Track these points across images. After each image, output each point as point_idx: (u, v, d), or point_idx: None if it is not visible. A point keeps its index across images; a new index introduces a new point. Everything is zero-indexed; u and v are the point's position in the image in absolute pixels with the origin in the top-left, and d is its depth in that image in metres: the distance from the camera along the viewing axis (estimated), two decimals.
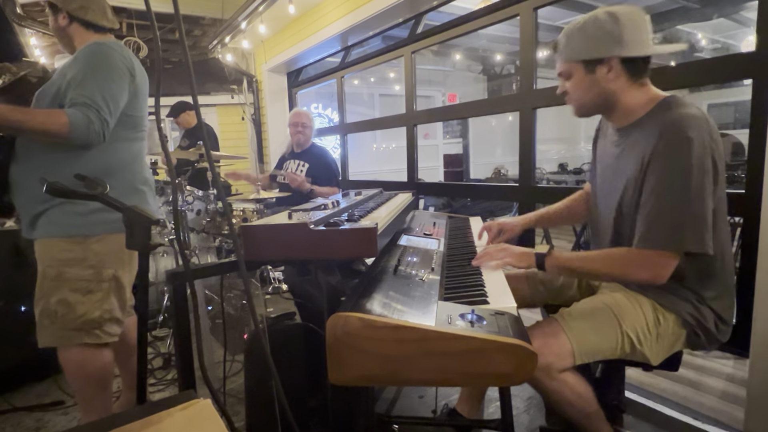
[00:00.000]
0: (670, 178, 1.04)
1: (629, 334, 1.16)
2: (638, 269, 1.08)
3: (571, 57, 1.18)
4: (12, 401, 2.10)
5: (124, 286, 1.55)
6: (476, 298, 1.02)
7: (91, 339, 1.45)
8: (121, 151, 1.51)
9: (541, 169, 7.91)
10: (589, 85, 1.17)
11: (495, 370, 0.78)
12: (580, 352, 1.15)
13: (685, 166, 1.01)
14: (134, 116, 1.54)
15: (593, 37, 1.13)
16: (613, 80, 1.15)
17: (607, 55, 1.12)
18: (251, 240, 1.07)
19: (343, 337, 0.82)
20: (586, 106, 1.23)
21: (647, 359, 1.18)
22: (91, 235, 1.43)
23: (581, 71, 1.17)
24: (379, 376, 0.82)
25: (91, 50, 1.45)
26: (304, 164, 3.22)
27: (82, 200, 1.34)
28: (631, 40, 1.10)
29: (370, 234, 1.01)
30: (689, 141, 1.01)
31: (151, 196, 1.65)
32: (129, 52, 1.53)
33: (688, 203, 1.02)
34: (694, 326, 1.18)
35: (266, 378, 1.34)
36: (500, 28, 2.90)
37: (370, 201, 1.69)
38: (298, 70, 5.26)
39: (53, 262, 1.42)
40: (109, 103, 1.39)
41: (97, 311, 1.45)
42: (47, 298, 1.42)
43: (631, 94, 1.17)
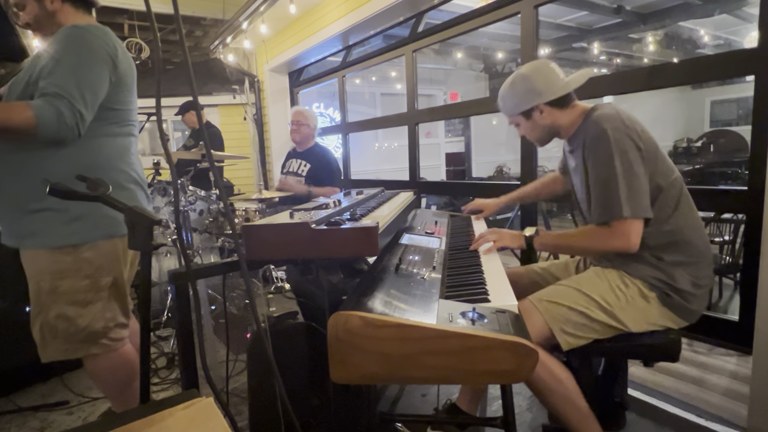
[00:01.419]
0: (602, 164, 1.25)
1: (594, 297, 1.29)
2: (611, 239, 1.24)
3: (510, 112, 1.51)
4: (17, 401, 2.12)
5: (125, 289, 1.47)
6: (477, 296, 1.02)
7: (98, 349, 1.38)
8: (103, 147, 1.37)
9: (543, 167, 7.89)
10: (533, 127, 1.47)
11: (496, 368, 0.78)
12: (553, 321, 1.26)
13: (608, 151, 1.23)
14: (118, 110, 1.40)
15: (517, 94, 1.44)
16: (547, 117, 1.43)
17: (534, 104, 1.41)
18: (253, 239, 1.07)
19: (344, 336, 0.82)
20: (540, 140, 1.52)
21: (625, 325, 1.27)
22: (81, 243, 1.32)
23: (523, 120, 1.47)
24: (380, 375, 0.83)
25: (65, 34, 1.29)
26: (305, 164, 3.22)
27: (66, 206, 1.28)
28: (545, 87, 1.39)
29: (372, 233, 1.02)
30: (604, 132, 1.24)
31: (142, 195, 1.52)
32: (112, 38, 1.37)
33: (622, 178, 1.21)
34: (662, 288, 1.28)
35: (269, 377, 1.35)
36: (501, 26, 2.90)
37: (371, 200, 1.69)
38: (300, 69, 5.26)
39: (45, 276, 1.32)
40: (85, 93, 1.24)
41: (100, 322, 1.37)
42: (45, 313, 1.33)
43: (566, 117, 1.42)
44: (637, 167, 1.22)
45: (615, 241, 1.24)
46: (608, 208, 1.23)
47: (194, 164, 2.84)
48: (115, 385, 1.45)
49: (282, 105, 5.50)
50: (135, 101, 1.50)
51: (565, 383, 1.25)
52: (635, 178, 1.22)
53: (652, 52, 6.92)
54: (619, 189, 1.21)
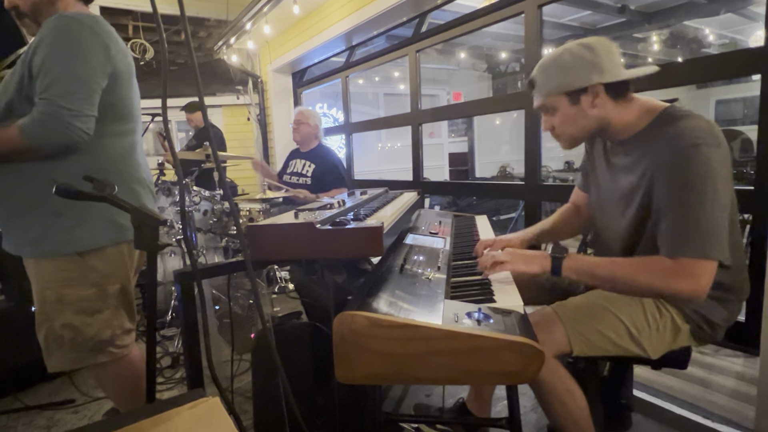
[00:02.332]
0: (687, 186, 1.01)
1: (625, 321, 1.14)
2: (677, 279, 1.01)
3: (553, 90, 1.16)
4: (24, 400, 2.13)
5: (132, 296, 1.42)
6: (483, 296, 1.02)
7: (105, 357, 1.33)
8: (106, 147, 1.31)
9: (547, 167, 7.87)
10: (575, 116, 1.16)
11: (502, 369, 0.78)
12: (574, 336, 1.13)
13: (699, 173, 0.99)
14: (118, 105, 1.32)
15: (572, 67, 1.12)
16: (599, 106, 1.14)
17: (590, 83, 1.11)
18: (258, 240, 1.07)
19: (349, 336, 0.82)
20: (576, 137, 1.21)
21: (646, 352, 1.17)
22: (86, 250, 1.27)
23: (565, 103, 1.16)
24: (385, 375, 0.83)
25: (54, 26, 1.20)
26: (310, 164, 3.21)
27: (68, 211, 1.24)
28: (608, 66, 1.10)
29: (376, 233, 1.02)
30: (697, 148, 1.00)
31: (148, 197, 1.45)
32: (104, 26, 1.28)
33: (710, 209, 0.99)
34: (697, 321, 1.16)
35: (274, 377, 1.35)
36: (505, 26, 2.90)
37: (375, 200, 1.69)
38: (303, 70, 5.27)
39: (50, 284, 1.27)
40: (81, 88, 1.18)
41: (107, 330, 1.32)
42: (51, 322, 1.28)
43: (620, 113, 1.16)
44: (724, 198, 1.00)
45: (683, 282, 1.00)
46: (682, 240, 1.01)
47: (198, 164, 2.85)
48: (122, 390, 1.43)
49: (285, 105, 5.52)
50: (136, 97, 1.43)
51: (578, 401, 1.15)
52: (722, 210, 1.00)
53: (657, 52, 6.89)
54: (702, 221, 0.99)
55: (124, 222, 1.31)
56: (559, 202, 3.21)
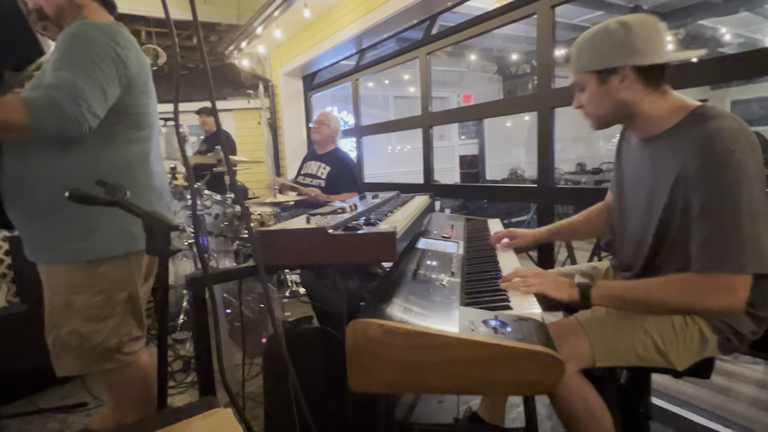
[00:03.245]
0: (721, 196, 0.96)
1: (652, 334, 1.11)
2: (712, 295, 0.97)
3: (583, 68, 1.15)
4: (37, 402, 2.15)
5: (140, 303, 1.42)
6: (498, 303, 1.00)
7: (112, 364, 1.33)
8: (121, 154, 1.31)
9: (559, 169, 7.81)
10: (603, 96, 1.14)
11: (519, 379, 0.76)
12: (599, 349, 1.10)
13: (734, 181, 0.94)
14: (134, 113, 1.32)
15: (603, 47, 1.10)
16: (627, 89, 1.11)
17: (619, 64, 1.08)
18: (270, 245, 1.06)
19: (363, 344, 0.80)
20: (603, 118, 1.19)
21: (672, 364, 1.13)
22: (96, 259, 1.27)
23: (594, 82, 1.14)
24: (400, 384, 0.81)
25: (72, 32, 1.21)
26: (325, 167, 3.20)
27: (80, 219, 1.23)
28: (643, 48, 1.07)
29: (390, 238, 1.00)
30: (732, 153, 0.94)
31: (161, 203, 1.44)
32: (122, 35, 1.28)
33: (747, 220, 0.94)
34: (725, 332, 1.12)
35: (285, 382, 1.34)
36: (516, 27, 2.87)
37: (387, 204, 1.68)
38: (313, 73, 5.29)
39: (60, 290, 1.28)
40: (93, 86, 1.15)
41: (114, 338, 1.31)
42: (58, 329, 1.28)
43: (651, 103, 1.12)
44: (760, 205, 0.95)
45: (718, 298, 0.97)
46: (717, 255, 0.96)
47: (210, 168, 2.86)
48: (131, 396, 1.42)
49: (296, 109, 5.54)
50: (153, 104, 1.43)
51: (602, 422, 1.10)
52: (758, 220, 0.94)
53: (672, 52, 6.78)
54: (737, 233, 0.94)
55: (135, 231, 1.31)
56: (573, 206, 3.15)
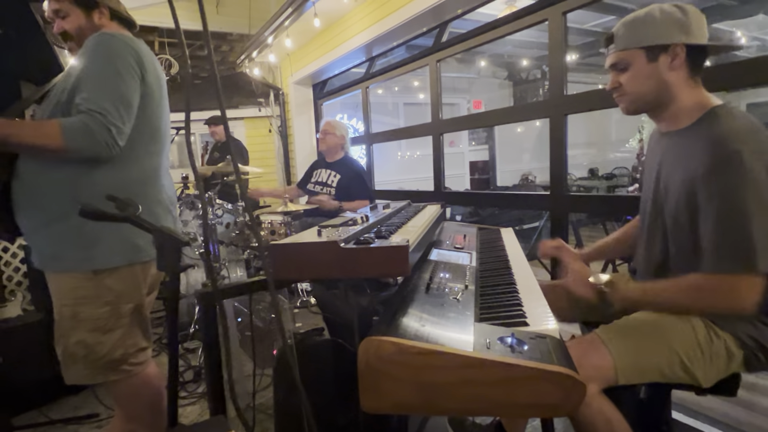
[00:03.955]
0: (726, 196, 0.96)
1: (678, 351, 1.08)
2: (719, 297, 0.98)
3: (632, 44, 1.12)
4: (49, 413, 2.15)
5: (146, 314, 1.41)
6: (514, 318, 0.97)
7: (117, 375, 1.34)
8: (134, 167, 1.33)
9: (571, 175, 7.73)
10: (648, 75, 1.11)
11: (538, 401, 0.73)
12: (623, 369, 1.07)
13: (740, 181, 0.95)
14: (148, 125, 1.35)
15: (660, 22, 1.09)
16: (675, 70, 1.09)
17: (673, 41, 1.07)
18: (280, 258, 1.05)
19: (376, 363, 0.78)
20: (641, 99, 1.16)
21: (698, 381, 1.10)
22: (102, 269, 1.28)
23: (642, 59, 1.11)
24: (414, 405, 0.78)
25: (94, 42, 1.26)
26: (335, 174, 3.19)
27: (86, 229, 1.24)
28: (696, 30, 1.08)
29: (402, 252, 0.98)
30: (738, 154, 0.95)
31: (167, 217, 1.45)
32: (140, 47, 1.33)
33: (753, 219, 0.93)
34: (753, 348, 1.09)
35: (295, 395, 1.32)
36: (526, 32, 2.84)
37: (398, 214, 1.65)
38: (324, 81, 5.31)
39: (67, 300, 1.29)
40: (119, 105, 1.21)
41: (119, 349, 1.32)
42: (66, 339, 1.30)
43: (686, 92, 1.12)
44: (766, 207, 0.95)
45: (724, 299, 0.98)
46: (727, 256, 0.96)
47: (221, 178, 2.87)
48: (140, 408, 1.42)
49: (306, 117, 5.56)
50: (166, 117, 1.46)
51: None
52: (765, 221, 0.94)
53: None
54: (744, 234, 0.94)
55: (140, 242, 1.32)
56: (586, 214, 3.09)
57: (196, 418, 2.11)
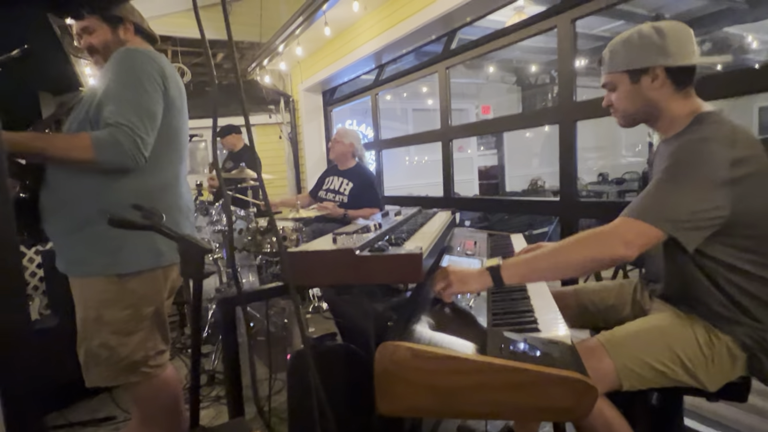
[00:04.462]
0: (673, 165, 1.05)
1: (679, 354, 1.11)
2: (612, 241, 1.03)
3: (616, 68, 1.21)
4: (68, 416, 2.20)
5: (165, 317, 1.46)
6: (526, 325, 0.99)
7: (137, 377, 1.37)
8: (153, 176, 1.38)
9: (581, 180, 7.70)
10: (634, 95, 1.20)
11: (551, 405, 0.75)
12: (626, 373, 1.09)
13: (690, 158, 1.03)
14: (169, 135, 1.41)
15: (638, 47, 1.16)
16: (657, 89, 1.16)
17: (652, 65, 1.15)
18: (297, 265, 1.08)
19: (391, 368, 0.81)
20: (631, 116, 1.25)
21: (703, 384, 1.12)
22: (125, 273, 1.32)
23: (626, 81, 1.20)
24: (429, 408, 0.81)
25: (120, 57, 1.33)
26: (348, 183, 3.20)
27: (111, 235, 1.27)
28: (675, 50, 1.13)
29: (416, 259, 1.00)
30: (702, 141, 1.04)
31: (186, 224, 1.50)
32: (162, 61, 1.39)
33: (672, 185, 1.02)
34: (755, 349, 1.10)
35: (309, 399, 1.35)
36: (535, 38, 2.86)
37: (410, 222, 1.68)
38: (333, 88, 5.37)
39: (91, 303, 1.33)
40: (143, 117, 1.28)
41: (140, 352, 1.36)
42: (89, 341, 1.34)
43: (676, 104, 1.18)
44: (701, 191, 1.00)
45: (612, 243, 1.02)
46: (636, 207, 1.04)
47: (234, 185, 2.91)
48: (157, 410, 1.45)
49: (316, 123, 5.62)
50: (185, 126, 1.51)
51: None
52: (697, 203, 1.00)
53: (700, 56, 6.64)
54: (659, 194, 1.02)
55: (163, 247, 1.36)
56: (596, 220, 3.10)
57: (210, 421, 2.14)
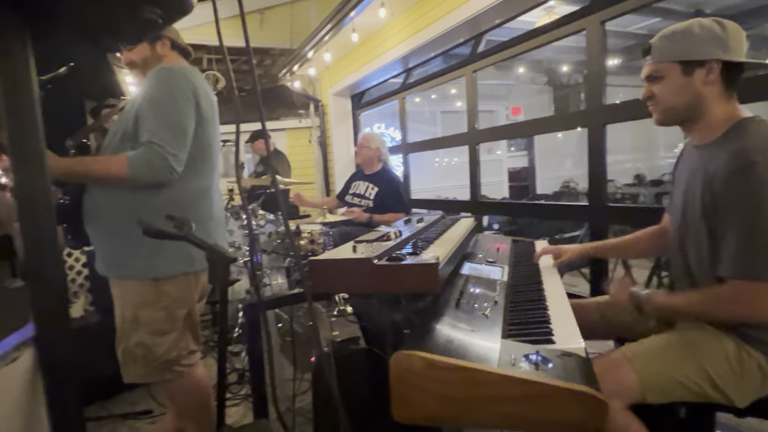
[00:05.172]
0: (743, 205, 1.01)
1: (707, 369, 1.08)
2: (731, 304, 1.04)
3: (668, 57, 1.14)
4: (109, 408, 2.33)
5: (197, 319, 1.55)
6: (541, 336, 1.00)
7: (171, 375, 1.46)
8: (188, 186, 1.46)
9: (615, 182, 7.46)
10: (682, 87, 1.13)
11: (561, 419, 0.76)
12: (649, 386, 1.07)
13: (755, 193, 0.99)
14: (201, 147, 1.49)
15: (699, 38, 1.10)
16: (708, 85, 1.11)
17: (710, 57, 1.09)
18: (318, 273, 1.12)
19: (406, 376, 0.83)
20: (673, 110, 1.17)
21: (731, 401, 1.09)
22: (161, 277, 1.41)
23: (677, 73, 1.13)
24: (443, 418, 0.83)
25: (155, 76, 1.43)
26: (373, 187, 3.23)
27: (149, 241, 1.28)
28: (734, 46, 1.09)
29: (432, 269, 1.03)
30: (753, 166, 0.99)
31: (218, 231, 1.58)
32: (194, 75, 1.49)
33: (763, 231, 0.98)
34: None
35: (332, 400, 1.39)
36: (567, 38, 2.81)
37: (431, 229, 1.70)
38: (361, 92, 5.43)
39: (129, 304, 1.43)
40: (177, 134, 1.37)
41: (174, 351, 1.45)
42: (127, 340, 1.43)
43: (719, 106, 1.13)
44: None
45: (735, 306, 1.03)
46: (742, 263, 1.01)
47: (264, 190, 3.00)
48: (190, 406, 1.54)
49: (345, 127, 5.70)
50: (217, 138, 1.60)
51: None
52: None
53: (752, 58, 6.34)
54: (754, 242, 0.99)
55: (194, 254, 1.43)
56: (629, 226, 3.01)
57: (239, 418, 2.23)
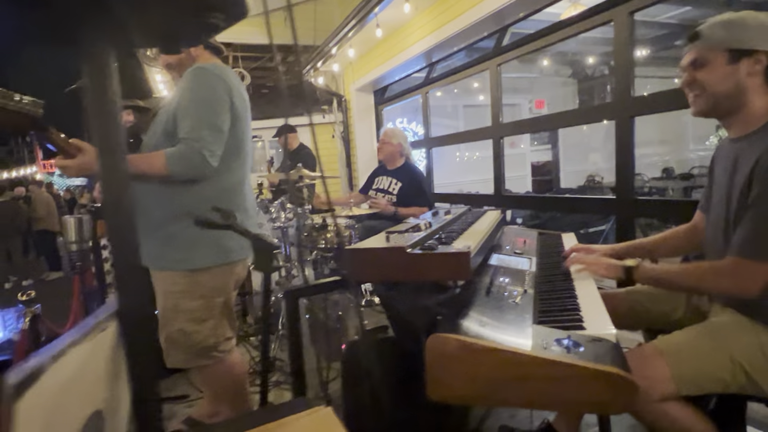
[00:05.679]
0: None
1: (740, 361, 1.08)
2: (723, 278, 1.08)
3: (716, 44, 1.13)
4: None
5: (233, 308, 1.62)
6: (572, 322, 1.02)
7: (208, 360, 1.54)
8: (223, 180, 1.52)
9: (642, 176, 7.31)
10: (726, 75, 1.13)
11: (591, 398, 0.79)
12: (683, 379, 1.08)
13: None
14: (235, 143, 1.54)
15: (752, 28, 1.11)
16: (752, 77, 1.11)
17: (759, 48, 1.10)
18: (353, 261, 1.18)
19: (441, 358, 0.88)
20: (713, 99, 1.17)
21: (764, 392, 1.09)
22: (198, 268, 1.48)
23: (722, 61, 1.13)
24: (475, 396, 0.87)
25: (192, 75, 1.48)
26: (396, 182, 3.26)
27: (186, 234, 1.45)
28: None
29: (464, 258, 1.07)
30: None
31: (250, 222, 1.63)
32: (229, 75, 1.53)
33: None
34: None
35: (361, 387, 1.45)
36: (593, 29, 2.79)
37: (459, 221, 1.74)
38: (384, 87, 5.47)
39: (168, 294, 1.50)
40: (213, 131, 1.43)
41: (212, 338, 1.52)
42: (169, 327, 1.51)
43: (758, 98, 1.13)
44: None
45: (727, 281, 1.07)
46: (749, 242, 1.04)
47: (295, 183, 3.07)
48: (225, 390, 1.62)
49: (367, 122, 5.76)
50: (250, 131, 1.66)
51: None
52: None
53: None
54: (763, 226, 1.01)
55: (229, 245, 1.51)
56: (656, 219, 2.97)
57: None
